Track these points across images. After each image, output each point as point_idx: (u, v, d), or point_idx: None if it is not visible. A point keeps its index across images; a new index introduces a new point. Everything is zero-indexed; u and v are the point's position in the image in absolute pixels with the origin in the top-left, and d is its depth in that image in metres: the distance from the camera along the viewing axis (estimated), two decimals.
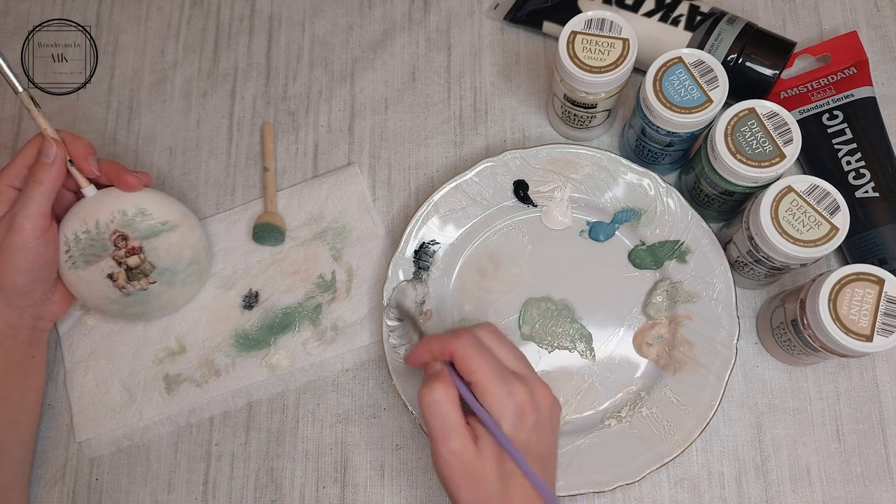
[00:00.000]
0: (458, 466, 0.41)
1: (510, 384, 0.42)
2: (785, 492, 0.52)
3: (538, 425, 0.42)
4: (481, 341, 0.44)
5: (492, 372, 0.42)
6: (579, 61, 0.50)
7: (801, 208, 0.46)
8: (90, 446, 0.55)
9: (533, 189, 0.56)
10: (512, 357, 0.44)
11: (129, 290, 0.53)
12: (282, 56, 0.64)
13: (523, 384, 0.42)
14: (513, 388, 0.41)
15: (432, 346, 0.44)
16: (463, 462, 0.40)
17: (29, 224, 0.48)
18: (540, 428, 0.42)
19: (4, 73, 0.48)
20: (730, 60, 0.55)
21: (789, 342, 0.50)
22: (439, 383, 0.42)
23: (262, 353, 0.56)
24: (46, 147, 0.48)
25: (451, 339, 0.43)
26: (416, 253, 0.55)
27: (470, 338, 0.43)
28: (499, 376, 0.42)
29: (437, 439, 0.41)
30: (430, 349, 0.44)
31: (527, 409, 0.41)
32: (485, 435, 0.41)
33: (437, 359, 0.44)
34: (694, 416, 0.51)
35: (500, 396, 0.41)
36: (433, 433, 0.41)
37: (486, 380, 0.41)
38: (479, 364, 0.42)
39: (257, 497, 0.54)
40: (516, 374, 0.43)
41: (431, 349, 0.44)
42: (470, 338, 0.43)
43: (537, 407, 0.42)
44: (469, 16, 0.63)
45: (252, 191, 0.60)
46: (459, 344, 0.43)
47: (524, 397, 0.41)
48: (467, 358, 0.42)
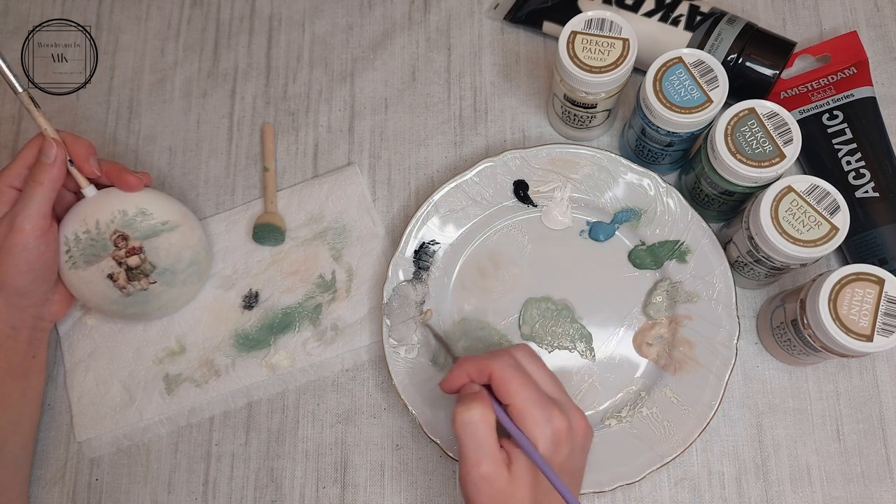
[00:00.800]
0: (488, 491, 0.39)
1: (549, 410, 0.40)
2: (785, 492, 0.52)
3: (571, 455, 0.41)
4: (519, 363, 0.42)
5: (531, 397, 0.41)
6: (579, 61, 0.50)
7: (801, 208, 0.46)
8: (90, 446, 0.55)
9: (533, 189, 0.56)
10: (548, 380, 0.43)
11: (130, 291, 0.53)
12: (282, 56, 0.64)
13: (562, 412, 0.41)
14: (552, 415, 0.40)
15: (469, 368, 0.43)
16: (493, 487, 0.39)
17: (29, 224, 0.48)
18: (573, 458, 0.41)
19: (4, 73, 0.48)
20: (730, 60, 0.55)
21: (789, 342, 0.50)
22: (477, 404, 0.40)
23: (262, 353, 0.56)
24: (47, 147, 0.48)
25: (489, 360, 0.42)
26: (416, 253, 0.55)
27: (508, 359, 0.42)
28: (538, 402, 0.40)
29: (470, 462, 0.40)
30: (467, 371, 0.43)
31: (563, 437, 0.40)
32: (518, 461, 0.40)
33: (475, 381, 0.43)
34: (694, 416, 0.51)
35: (539, 422, 0.40)
36: (465, 455, 0.40)
37: (524, 404, 0.40)
38: (518, 387, 0.41)
39: (257, 497, 0.54)
40: (554, 400, 0.42)
41: (468, 371, 0.43)
42: (508, 359, 0.42)
43: (573, 436, 0.41)
44: (469, 16, 0.63)
45: (252, 191, 0.60)
46: (498, 366, 0.41)
47: (562, 425, 0.40)
48: (506, 380, 0.41)
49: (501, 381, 0.41)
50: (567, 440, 0.41)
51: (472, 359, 0.43)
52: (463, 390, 0.43)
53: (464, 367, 0.43)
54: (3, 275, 0.49)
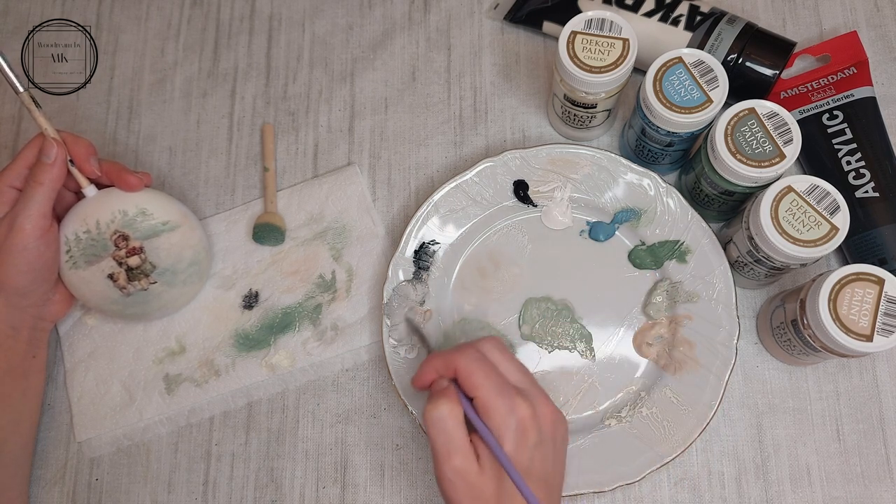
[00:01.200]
0: (461, 485, 0.40)
1: (512, 399, 0.41)
2: (785, 492, 0.52)
3: (540, 442, 0.42)
4: (484, 356, 0.43)
5: (494, 387, 0.41)
6: (579, 61, 0.50)
7: (801, 208, 0.46)
8: (90, 446, 0.55)
9: (533, 189, 0.56)
10: (515, 370, 0.44)
11: (130, 291, 0.53)
12: (282, 56, 0.64)
13: (525, 399, 0.42)
14: (514, 404, 0.41)
15: (436, 364, 0.43)
16: (466, 480, 0.40)
17: (30, 224, 0.48)
18: (542, 445, 0.42)
19: (5, 73, 0.48)
20: (730, 60, 0.55)
21: (789, 342, 0.50)
22: (444, 400, 0.41)
23: (262, 353, 0.56)
24: (47, 147, 0.48)
25: (454, 354, 0.43)
26: (416, 253, 0.55)
27: (473, 352, 0.43)
28: (501, 392, 0.41)
29: (441, 457, 0.41)
30: (435, 366, 0.44)
31: (528, 425, 0.41)
32: (486, 453, 0.41)
33: (443, 376, 0.43)
34: (694, 416, 0.51)
35: (502, 412, 0.41)
36: (437, 451, 0.41)
37: (487, 395, 0.41)
38: (481, 379, 0.41)
39: (257, 497, 0.54)
40: (518, 389, 0.42)
41: (436, 366, 0.44)
42: (473, 352, 0.43)
43: (539, 423, 0.42)
44: (469, 16, 0.63)
45: (252, 191, 0.60)
46: (462, 359, 0.42)
47: (525, 413, 0.41)
48: (470, 373, 0.42)
49: (466, 375, 0.42)
50: (533, 426, 0.41)
51: (440, 354, 0.44)
52: (433, 387, 0.44)
53: (432, 363, 0.44)
54: (3, 275, 0.49)
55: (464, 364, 0.42)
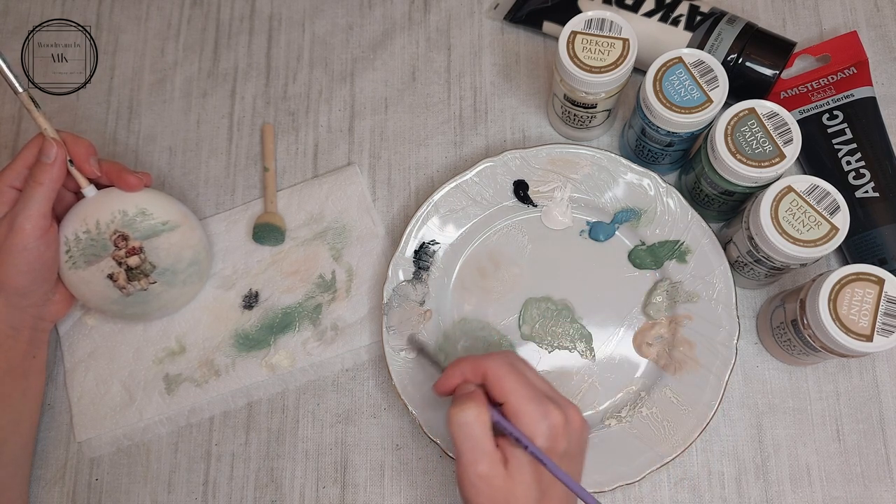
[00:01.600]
0: (487, 491, 0.39)
1: (544, 406, 0.40)
2: (785, 492, 0.52)
3: (568, 451, 0.41)
4: (513, 363, 0.42)
5: (527, 393, 0.40)
6: (579, 61, 0.50)
7: (801, 208, 0.46)
8: (90, 446, 0.55)
9: (533, 189, 0.56)
10: (541, 380, 0.43)
11: (130, 291, 0.53)
12: (282, 56, 0.64)
13: (557, 407, 0.41)
14: (547, 411, 0.40)
15: (464, 367, 0.43)
16: (491, 486, 0.39)
17: (29, 224, 0.48)
18: (570, 454, 0.41)
19: (4, 73, 0.48)
20: (730, 60, 0.55)
21: (789, 342, 0.50)
22: (472, 403, 0.40)
23: (262, 353, 0.56)
24: (47, 147, 0.48)
25: (484, 360, 0.42)
26: (416, 253, 0.55)
27: (503, 358, 0.42)
28: (533, 398, 0.40)
29: (466, 462, 0.40)
30: (462, 370, 0.43)
31: (560, 432, 0.40)
32: (515, 458, 0.40)
33: (470, 380, 0.43)
34: (694, 416, 0.51)
35: (534, 418, 0.40)
36: (462, 455, 0.40)
37: (519, 401, 0.40)
38: (513, 384, 0.41)
39: (257, 497, 0.54)
40: (549, 396, 0.42)
41: (464, 370, 0.43)
42: (503, 358, 0.42)
43: (569, 431, 0.41)
44: (469, 16, 0.63)
45: (252, 191, 0.60)
46: (493, 365, 0.41)
47: (558, 420, 0.40)
48: (501, 378, 0.41)
49: (496, 380, 0.41)
50: (564, 434, 0.41)
51: (467, 358, 0.43)
52: (458, 391, 0.43)
53: (458, 367, 0.43)
54: (3, 275, 0.49)
55: (494, 369, 0.41)
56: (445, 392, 0.44)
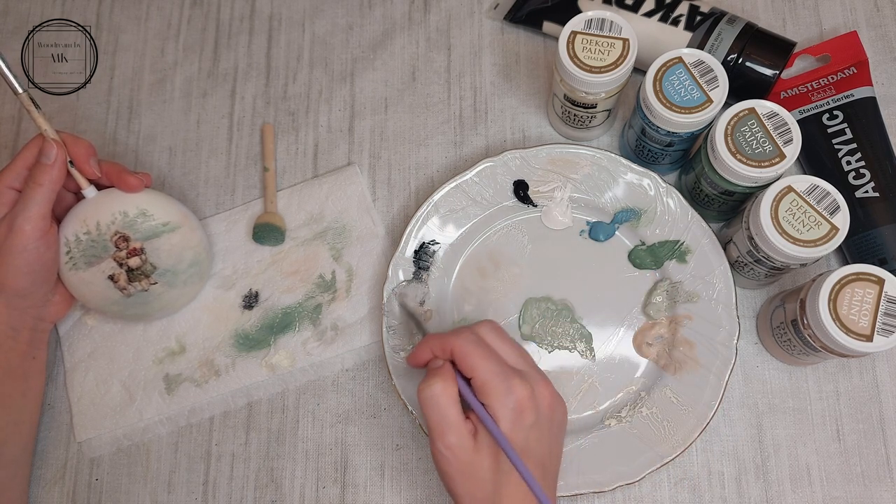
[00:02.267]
0: (455, 462, 0.41)
1: (509, 380, 0.41)
2: (785, 492, 0.52)
3: (537, 423, 0.42)
4: (481, 338, 0.44)
5: (491, 368, 0.42)
6: (579, 61, 0.50)
7: (801, 208, 0.46)
8: (90, 446, 0.55)
9: (533, 189, 0.56)
10: (513, 353, 0.44)
11: (130, 292, 0.53)
12: (282, 56, 0.64)
13: (523, 380, 0.42)
14: (512, 385, 0.41)
15: (433, 344, 0.44)
16: (459, 458, 0.41)
17: (29, 226, 0.48)
18: (539, 426, 0.42)
19: (4, 74, 0.48)
20: (730, 60, 0.55)
21: (789, 342, 0.50)
22: (438, 378, 0.42)
23: (262, 353, 0.56)
24: (47, 148, 0.48)
25: (450, 336, 0.43)
26: (416, 253, 0.55)
27: (469, 334, 0.43)
28: (499, 373, 0.42)
29: (435, 434, 0.41)
30: (431, 347, 0.44)
31: (526, 406, 0.41)
32: (483, 431, 0.41)
33: (439, 357, 0.44)
34: (694, 416, 0.51)
35: (499, 393, 0.41)
36: (431, 428, 0.41)
37: (485, 376, 0.41)
38: (478, 360, 0.42)
39: (257, 497, 0.54)
40: (517, 370, 0.43)
41: (432, 347, 0.44)
42: (469, 334, 0.43)
43: (537, 404, 0.42)
44: (469, 16, 0.63)
45: (252, 191, 0.60)
46: (459, 340, 0.43)
47: (523, 394, 0.41)
48: (467, 354, 0.42)
49: (463, 356, 0.42)
50: (530, 408, 0.41)
51: (436, 335, 0.44)
52: (429, 366, 0.44)
53: (428, 344, 0.44)
54: (2, 276, 0.49)
55: (459, 345, 0.42)
56: (416, 365, 0.46)
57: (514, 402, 0.41)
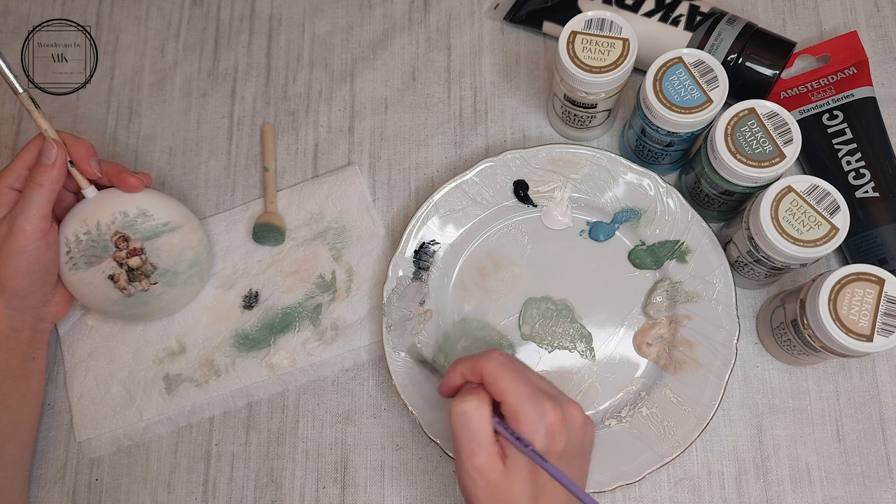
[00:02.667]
0: (483, 484, 0.39)
1: (541, 404, 0.40)
2: (785, 492, 0.52)
3: (568, 448, 0.41)
4: (510, 360, 0.42)
5: (523, 391, 0.40)
6: (579, 61, 0.50)
7: (801, 208, 0.46)
8: (90, 446, 0.55)
9: (533, 189, 0.56)
10: (539, 378, 0.43)
11: (131, 292, 0.53)
12: (282, 56, 0.64)
13: (555, 404, 0.40)
14: (544, 409, 0.40)
15: (463, 368, 0.43)
16: (488, 480, 0.39)
17: (29, 226, 0.48)
18: (569, 452, 0.41)
19: (5, 74, 0.48)
20: (730, 60, 0.55)
21: (789, 342, 0.50)
22: (472, 396, 0.40)
23: (262, 353, 0.56)
24: (47, 148, 0.48)
25: (480, 358, 0.42)
26: (416, 253, 0.55)
27: (499, 356, 0.42)
28: (530, 396, 0.40)
29: (464, 454, 0.40)
30: (462, 371, 0.43)
31: (557, 430, 0.40)
32: (514, 454, 0.40)
33: (469, 381, 0.43)
34: (694, 416, 0.51)
35: (531, 417, 0.40)
36: (460, 447, 0.40)
37: (517, 399, 0.40)
38: (509, 382, 0.40)
39: (257, 497, 0.54)
40: (548, 393, 0.41)
41: (462, 371, 0.43)
42: (499, 356, 0.42)
43: (568, 428, 0.41)
44: (469, 16, 0.63)
45: (252, 191, 0.60)
46: (489, 363, 0.41)
47: (556, 418, 0.40)
48: (497, 376, 0.41)
49: (493, 378, 0.41)
50: (562, 431, 0.40)
51: (465, 359, 0.43)
52: (463, 388, 0.43)
53: (458, 369, 0.43)
54: (2, 277, 0.48)
55: (490, 368, 0.41)
56: (449, 394, 0.44)
57: (546, 426, 0.40)
